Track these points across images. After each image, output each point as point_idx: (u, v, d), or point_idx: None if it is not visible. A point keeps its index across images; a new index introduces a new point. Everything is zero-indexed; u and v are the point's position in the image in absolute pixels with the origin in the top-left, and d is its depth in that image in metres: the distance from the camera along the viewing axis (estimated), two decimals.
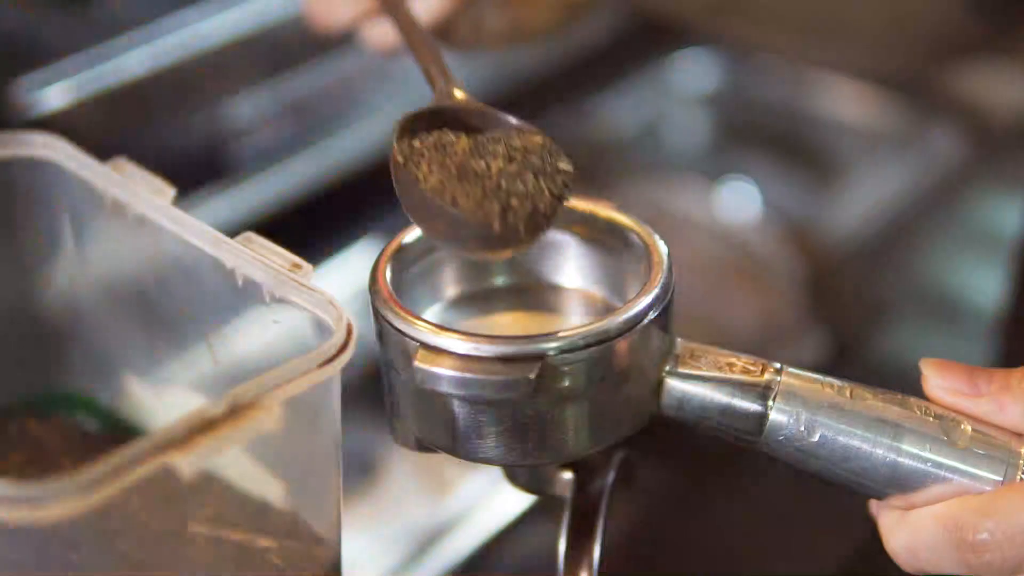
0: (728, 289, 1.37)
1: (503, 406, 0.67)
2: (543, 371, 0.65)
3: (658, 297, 0.68)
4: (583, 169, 1.52)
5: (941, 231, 1.55)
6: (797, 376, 0.69)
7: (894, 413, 0.67)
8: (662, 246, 0.71)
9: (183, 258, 0.77)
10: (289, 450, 0.72)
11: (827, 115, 1.69)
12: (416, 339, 0.67)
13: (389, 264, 0.73)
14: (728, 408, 0.68)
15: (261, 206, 1.34)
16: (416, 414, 0.70)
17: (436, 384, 0.66)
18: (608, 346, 0.66)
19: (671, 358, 0.70)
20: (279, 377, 0.65)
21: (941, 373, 0.68)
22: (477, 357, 0.65)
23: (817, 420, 0.67)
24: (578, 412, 0.68)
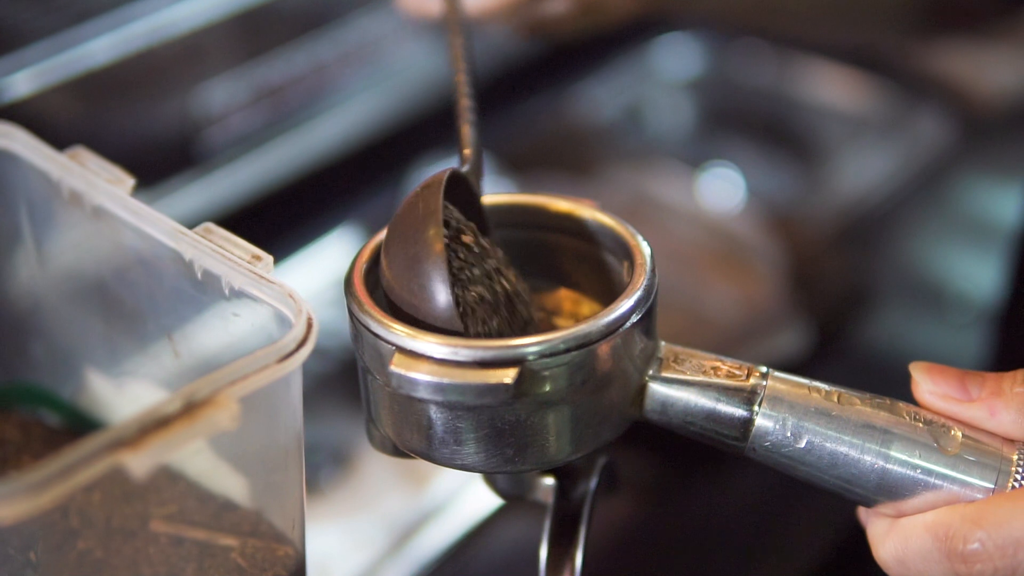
0: (710, 278, 1.35)
1: (481, 412, 0.65)
2: (522, 376, 0.63)
3: (641, 299, 0.66)
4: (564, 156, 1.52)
5: (928, 218, 1.53)
6: (784, 381, 0.67)
7: (883, 419, 0.65)
8: (645, 247, 0.69)
9: (142, 250, 0.74)
10: (249, 446, 0.70)
11: (812, 100, 1.68)
12: (392, 343, 0.65)
13: (365, 264, 0.70)
14: (713, 413, 0.67)
15: (232, 195, 1.33)
16: (392, 419, 0.68)
17: (412, 389, 0.64)
18: (590, 350, 0.64)
19: (654, 362, 0.68)
20: (235, 373, 0.62)
21: (932, 377, 0.66)
22: (454, 361, 0.63)
23: (804, 426, 0.65)
24: (559, 418, 0.66)
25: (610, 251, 0.72)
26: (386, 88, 1.46)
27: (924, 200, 1.53)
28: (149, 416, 0.59)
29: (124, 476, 0.59)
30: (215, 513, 0.75)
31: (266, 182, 1.37)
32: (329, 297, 1.32)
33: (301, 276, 1.36)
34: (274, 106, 1.37)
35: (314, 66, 1.39)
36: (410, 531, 1.11)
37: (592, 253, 0.74)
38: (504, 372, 0.63)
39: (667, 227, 1.40)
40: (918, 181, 1.54)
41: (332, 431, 1.20)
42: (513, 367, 0.63)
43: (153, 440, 0.59)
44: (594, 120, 1.64)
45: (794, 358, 1.27)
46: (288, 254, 1.37)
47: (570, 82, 1.66)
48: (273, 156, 1.37)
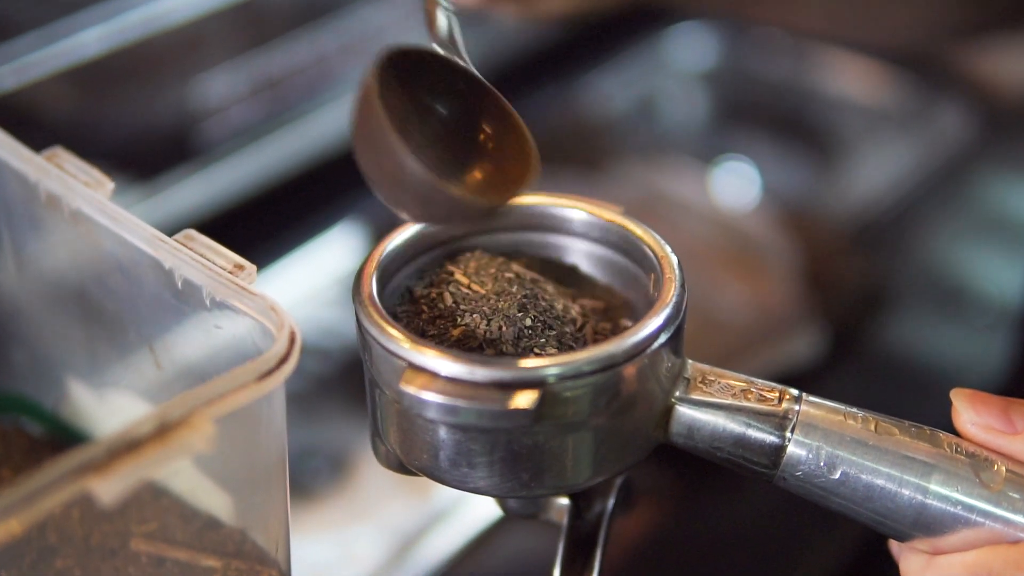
0: (722, 278, 1.32)
1: (497, 435, 0.61)
2: (543, 399, 0.59)
3: (670, 317, 0.63)
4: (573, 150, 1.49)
5: (949, 216, 1.50)
6: (818, 405, 0.64)
7: (923, 450, 0.62)
8: (674, 259, 0.66)
9: (121, 257, 0.71)
10: (229, 467, 0.67)
11: (829, 92, 1.65)
12: (403, 358, 0.61)
13: (375, 270, 0.66)
14: (742, 439, 0.63)
15: (231, 189, 1.31)
16: (401, 437, 0.64)
17: (423, 410, 0.60)
18: (615, 372, 0.61)
19: (681, 382, 0.65)
20: (212, 392, 0.59)
21: (974, 406, 0.63)
22: (470, 382, 0.59)
23: (839, 455, 0.62)
24: (579, 442, 0.62)
25: (635, 260, 0.69)
26: None
27: (945, 197, 1.50)
28: (119, 439, 0.56)
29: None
30: (198, 532, 0.72)
31: (266, 176, 1.34)
32: (331, 296, 1.30)
33: (302, 273, 1.34)
34: (274, 98, 1.34)
35: (315, 57, 1.36)
36: (411, 541, 1.08)
37: (616, 261, 0.70)
38: (523, 395, 0.59)
39: (679, 224, 1.38)
40: (938, 177, 1.51)
41: (331, 435, 1.17)
42: (533, 390, 0.59)
43: (123, 464, 0.56)
44: (604, 113, 1.61)
45: (809, 362, 1.24)
46: (289, 250, 1.34)
47: (580, 74, 1.63)
48: (273, 149, 1.35)
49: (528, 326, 0.64)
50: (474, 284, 0.67)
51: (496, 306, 0.65)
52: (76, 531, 0.68)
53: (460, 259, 0.69)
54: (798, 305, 1.30)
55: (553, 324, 0.65)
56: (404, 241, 0.69)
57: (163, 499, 0.71)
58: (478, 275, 0.68)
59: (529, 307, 0.65)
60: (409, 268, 0.70)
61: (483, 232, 0.71)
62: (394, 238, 0.68)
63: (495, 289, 0.66)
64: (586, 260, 0.72)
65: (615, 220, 0.70)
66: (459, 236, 0.70)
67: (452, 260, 0.69)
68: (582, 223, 0.71)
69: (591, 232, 0.71)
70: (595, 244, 0.71)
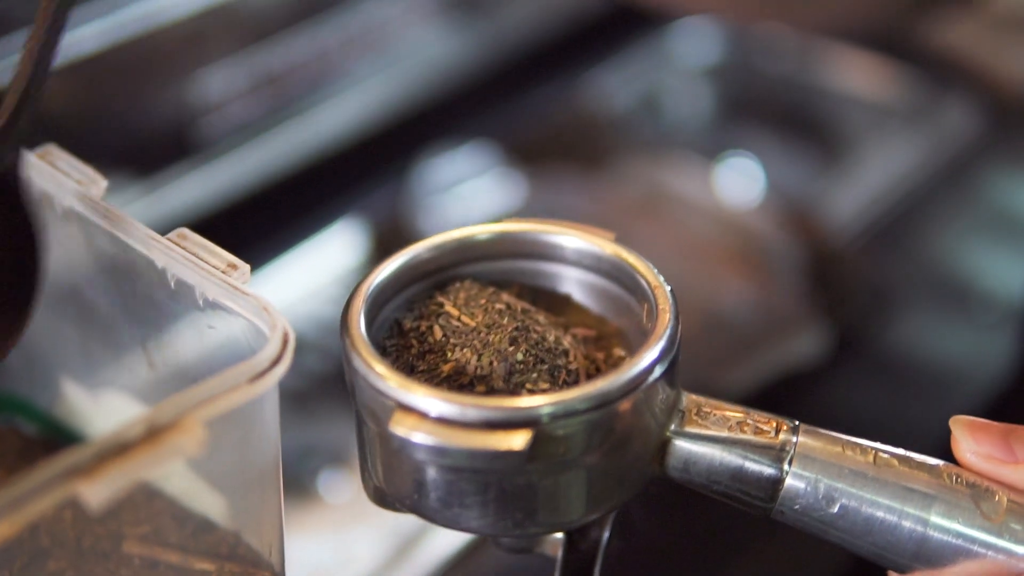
0: (725, 276, 1.31)
1: (490, 475, 0.60)
2: (537, 439, 0.58)
3: (665, 350, 0.62)
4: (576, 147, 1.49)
5: (955, 213, 1.49)
6: (815, 436, 0.63)
7: (923, 481, 0.61)
8: (668, 289, 0.65)
9: (114, 256, 0.71)
10: (222, 469, 0.67)
11: (834, 88, 1.64)
12: (392, 398, 0.60)
13: (364, 301, 0.65)
14: (739, 472, 0.63)
15: (231, 185, 1.30)
16: (390, 476, 0.64)
17: (413, 451, 0.59)
18: (610, 409, 0.60)
19: (676, 415, 0.64)
20: (203, 394, 0.58)
21: (974, 435, 0.62)
22: (462, 423, 0.58)
23: (837, 487, 0.62)
24: (574, 480, 0.62)
25: (628, 289, 0.68)
26: (391, 75, 1.43)
27: (950, 194, 1.49)
28: (108, 442, 0.55)
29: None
30: (191, 535, 0.71)
31: (266, 172, 1.33)
32: (332, 293, 1.30)
33: (302, 270, 1.33)
34: (274, 94, 1.33)
35: (316, 52, 1.35)
36: (410, 543, 1.07)
37: (609, 290, 0.69)
38: (516, 435, 0.58)
39: (682, 221, 1.37)
40: (944, 174, 1.50)
41: (331, 434, 1.17)
42: (526, 429, 0.58)
43: (111, 468, 0.55)
44: (607, 109, 1.59)
45: (813, 360, 1.23)
46: (289, 247, 1.34)
47: (582, 69, 1.62)
48: (273, 146, 1.34)
49: (519, 360, 0.63)
50: (464, 316, 0.66)
51: (487, 339, 0.64)
52: (69, 533, 0.67)
53: (450, 290, 0.68)
54: (802, 303, 1.29)
55: (545, 357, 0.64)
56: (393, 272, 0.68)
57: (156, 501, 0.70)
58: (468, 306, 0.67)
59: (520, 340, 0.64)
60: (398, 299, 0.69)
61: (473, 261, 0.70)
62: (383, 269, 0.67)
63: (486, 321, 0.66)
64: (578, 288, 0.71)
65: (608, 248, 0.68)
66: (449, 265, 0.70)
67: (442, 291, 0.68)
68: (574, 251, 0.69)
69: (583, 260, 0.69)
70: (587, 272, 0.70)
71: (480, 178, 1.44)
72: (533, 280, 0.71)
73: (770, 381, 1.21)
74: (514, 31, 1.53)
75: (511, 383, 0.62)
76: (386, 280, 0.67)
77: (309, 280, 1.31)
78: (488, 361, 0.63)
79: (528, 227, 0.70)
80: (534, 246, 0.70)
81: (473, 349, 0.64)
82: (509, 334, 0.64)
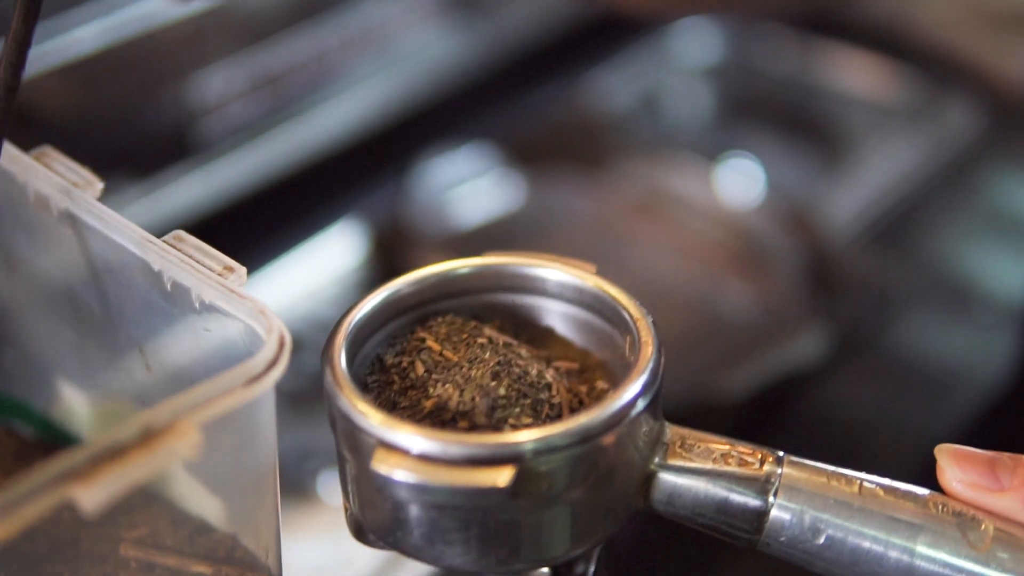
0: (726, 276, 1.31)
1: (473, 512, 0.60)
2: (520, 475, 0.58)
3: (648, 383, 0.61)
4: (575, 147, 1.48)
5: (956, 213, 1.48)
6: (800, 467, 0.63)
7: (908, 511, 0.61)
8: (649, 320, 0.65)
9: (110, 258, 0.70)
10: (218, 472, 0.66)
11: (835, 88, 1.64)
12: (373, 435, 0.59)
13: (345, 341, 0.65)
14: (724, 504, 0.63)
15: (231, 186, 1.30)
16: (372, 513, 0.63)
17: (395, 489, 0.59)
18: (593, 444, 0.59)
19: (660, 447, 0.64)
20: (198, 398, 0.58)
21: (959, 464, 0.62)
22: (444, 460, 0.58)
23: (823, 518, 0.61)
24: (558, 515, 0.61)
25: (610, 321, 0.68)
26: (391, 75, 1.43)
27: (951, 194, 1.49)
28: (102, 446, 0.55)
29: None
30: (188, 538, 0.71)
31: (266, 173, 1.33)
32: (332, 293, 1.29)
33: (303, 271, 1.33)
34: (274, 94, 1.33)
35: (316, 52, 1.35)
36: None
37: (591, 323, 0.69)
38: (499, 472, 0.57)
39: (682, 222, 1.37)
40: (945, 174, 1.50)
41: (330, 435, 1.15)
42: (509, 466, 0.58)
43: (106, 472, 0.55)
44: (607, 109, 1.59)
45: (814, 361, 1.23)
46: (289, 248, 1.33)
47: (582, 69, 1.61)
48: (273, 146, 1.33)
49: (502, 395, 0.63)
50: (446, 351, 0.66)
51: (469, 374, 0.64)
52: (65, 536, 0.66)
53: (431, 324, 0.68)
54: (802, 303, 1.29)
55: (527, 392, 0.64)
56: (374, 308, 0.67)
57: (153, 504, 0.70)
58: (450, 341, 0.67)
59: (502, 374, 0.64)
60: (380, 335, 0.68)
61: (455, 295, 0.70)
62: (364, 305, 0.67)
63: (467, 356, 0.65)
64: (560, 321, 0.70)
65: (589, 281, 0.68)
66: (430, 300, 0.69)
67: (423, 325, 0.68)
68: (555, 284, 0.69)
69: (565, 293, 0.69)
70: (569, 305, 0.69)
71: (480, 179, 1.43)
72: (515, 313, 0.70)
73: (770, 382, 1.21)
74: (514, 31, 1.53)
75: (493, 418, 0.62)
76: (367, 315, 0.67)
77: (309, 281, 1.31)
78: (470, 396, 0.62)
79: (509, 260, 0.70)
80: (515, 279, 0.70)
81: (455, 384, 0.63)
82: (491, 368, 0.64)
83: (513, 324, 0.70)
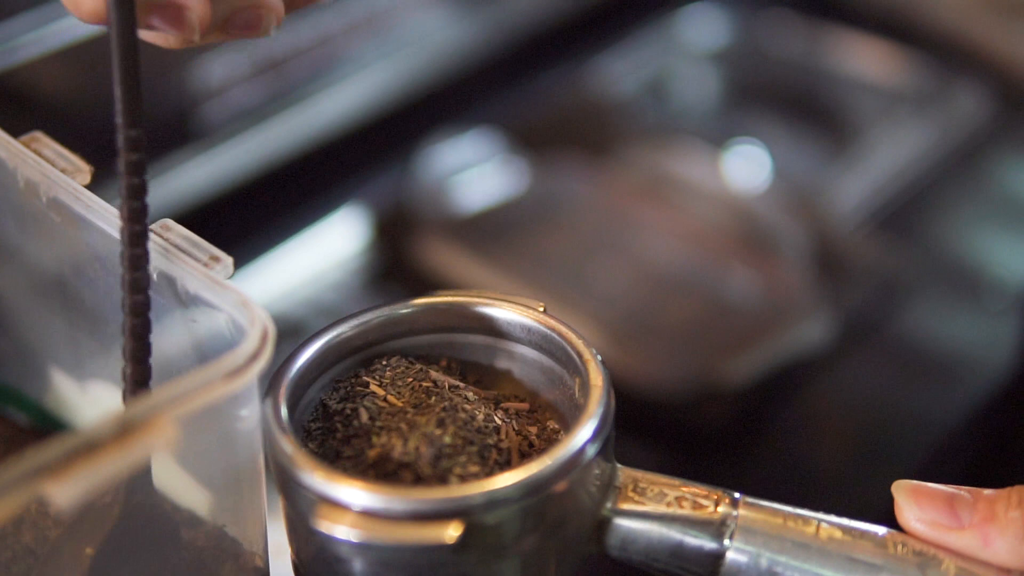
0: (731, 262, 1.30)
1: (420, 568, 0.58)
2: (467, 530, 0.56)
3: (598, 430, 0.60)
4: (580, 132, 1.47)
5: (965, 199, 1.47)
6: (756, 508, 0.62)
7: (867, 551, 0.60)
8: (598, 361, 0.64)
9: (98, 246, 0.70)
10: (201, 465, 0.65)
11: (843, 73, 1.62)
12: (314, 491, 0.58)
13: (286, 390, 0.63)
14: (679, 548, 0.62)
15: (232, 172, 1.29)
16: (317, 568, 0.62)
17: (337, 547, 0.58)
18: (544, 494, 0.58)
19: (612, 491, 0.63)
20: (175, 392, 0.57)
21: (918, 502, 0.61)
22: (386, 516, 0.57)
23: (780, 561, 0.60)
24: (508, 568, 0.60)
25: (559, 361, 0.66)
26: (395, 60, 1.41)
27: (960, 180, 1.47)
28: (76, 441, 0.54)
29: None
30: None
31: (268, 159, 1.32)
32: (333, 279, 1.29)
33: (304, 257, 1.32)
34: (277, 79, 1.31)
35: (319, 37, 1.33)
36: None
37: (540, 362, 0.68)
38: (445, 527, 0.56)
39: (688, 207, 1.36)
40: (954, 160, 1.48)
41: None
42: (455, 520, 0.56)
43: (80, 468, 0.54)
44: (613, 94, 1.58)
45: (820, 348, 1.22)
46: (292, 234, 1.33)
47: (588, 54, 1.60)
48: (276, 131, 1.32)
49: (447, 443, 0.61)
50: (391, 396, 0.64)
51: (414, 422, 0.62)
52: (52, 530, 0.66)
53: (376, 367, 0.67)
54: (809, 289, 1.28)
55: (474, 439, 0.62)
56: (316, 352, 0.66)
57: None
58: (394, 385, 0.65)
59: (448, 421, 0.62)
60: (324, 378, 0.67)
61: (401, 335, 0.69)
62: (305, 349, 0.66)
63: (412, 401, 0.64)
64: (509, 360, 0.69)
65: (537, 320, 0.67)
66: (375, 341, 0.68)
67: (368, 369, 0.67)
68: (503, 323, 0.68)
69: (513, 332, 0.68)
70: (518, 344, 0.68)
71: (485, 164, 1.43)
72: (463, 353, 0.69)
73: (775, 368, 1.21)
74: (519, 16, 1.51)
75: (439, 468, 0.60)
76: (310, 359, 0.65)
77: (312, 266, 1.31)
78: (415, 446, 0.61)
79: (456, 299, 0.69)
80: (463, 319, 0.68)
81: (399, 433, 0.62)
82: (437, 415, 0.62)
83: (461, 363, 0.69)
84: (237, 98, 1.28)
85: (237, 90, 1.28)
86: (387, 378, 0.66)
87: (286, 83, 1.32)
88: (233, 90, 1.28)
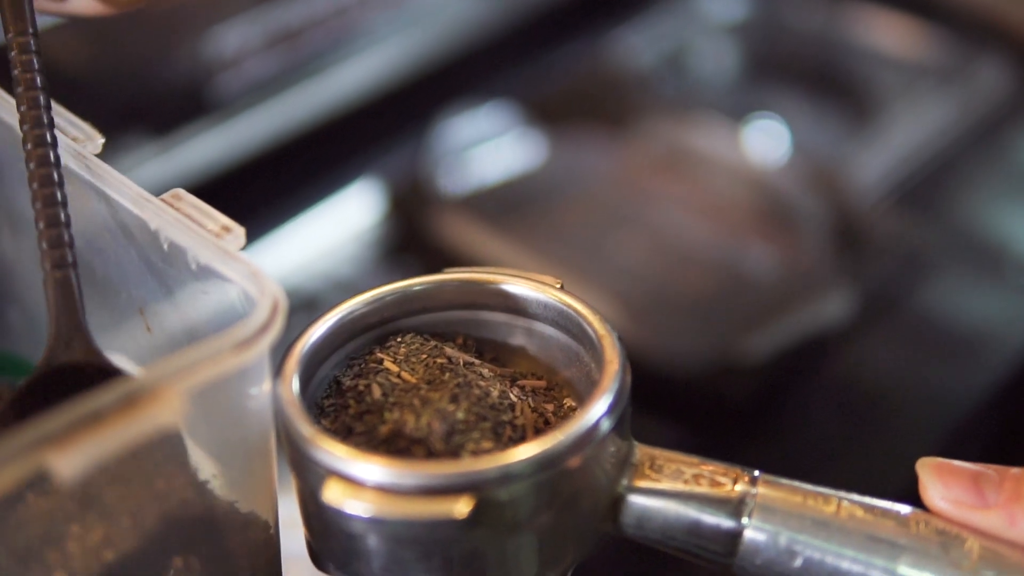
0: (750, 237, 1.29)
1: (432, 544, 0.57)
2: (479, 505, 0.55)
3: (613, 404, 0.59)
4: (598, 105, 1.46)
5: (986, 174, 1.46)
6: (776, 486, 0.61)
7: (889, 530, 0.59)
8: (615, 337, 0.62)
9: (109, 216, 0.69)
10: (211, 438, 0.64)
11: (864, 46, 1.61)
12: (325, 466, 0.58)
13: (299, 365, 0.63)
14: (696, 527, 0.60)
15: (247, 144, 1.29)
16: (330, 543, 0.61)
17: (348, 522, 0.57)
18: (556, 469, 0.57)
19: (628, 468, 0.61)
20: (183, 363, 0.56)
21: (942, 480, 0.60)
22: (398, 491, 0.56)
23: (800, 539, 0.59)
24: (522, 544, 0.59)
25: (575, 337, 0.65)
26: (411, 32, 1.41)
27: (981, 155, 1.46)
28: (81, 410, 0.53)
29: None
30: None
31: (283, 131, 1.31)
32: (347, 253, 1.28)
33: (320, 230, 1.32)
34: (292, 51, 1.31)
35: (335, 8, 1.33)
36: None
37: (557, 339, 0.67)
38: (457, 502, 0.55)
39: (706, 181, 1.35)
40: (975, 134, 1.47)
41: None
42: (468, 495, 0.55)
43: (84, 438, 0.53)
44: (631, 67, 1.56)
45: (839, 323, 1.21)
46: (307, 206, 1.32)
47: (607, 26, 1.59)
48: (291, 103, 1.32)
49: (460, 419, 0.60)
50: (404, 372, 0.64)
51: (427, 397, 0.61)
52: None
53: (390, 344, 0.66)
54: (828, 265, 1.27)
55: (488, 414, 0.61)
56: (329, 329, 0.65)
57: None
58: (408, 361, 0.64)
59: (461, 397, 0.61)
60: (337, 356, 0.66)
61: (416, 312, 0.68)
62: (318, 326, 0.65)
63: (426, 377, 0.63)
64: (526, 337, 0.68)
65: (553, 296, 0.66)
66: (390, 318, 0.67)
67: (383, 345, 0.66)
68: (519, 299, 0.67)
69: (529, 309, 0.67)
70: (534, 321, 0.67)
71: (501, 137, 1.42)
72: (479, 330, 0.68)
73: (795, 344, 1.20)
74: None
75: (451, 444, 0.59)
76: (324, 336, 0.65)
77: (327, 239, 1.30)
78: (427, 421, 0.60)
79: (471, 276, 0.68)
80: (478, 295, 0.68)
81: (412, 409, 0.61)
82: (450, 391, 0.61)
83: (477, 341, 0.68)
84: (252, 70, 1.27)
85: (252, 61, 1.27)
86: (401, 354, 0.65)
87: (301, 55, 1.31)
88: (248, 61, 1.27)
